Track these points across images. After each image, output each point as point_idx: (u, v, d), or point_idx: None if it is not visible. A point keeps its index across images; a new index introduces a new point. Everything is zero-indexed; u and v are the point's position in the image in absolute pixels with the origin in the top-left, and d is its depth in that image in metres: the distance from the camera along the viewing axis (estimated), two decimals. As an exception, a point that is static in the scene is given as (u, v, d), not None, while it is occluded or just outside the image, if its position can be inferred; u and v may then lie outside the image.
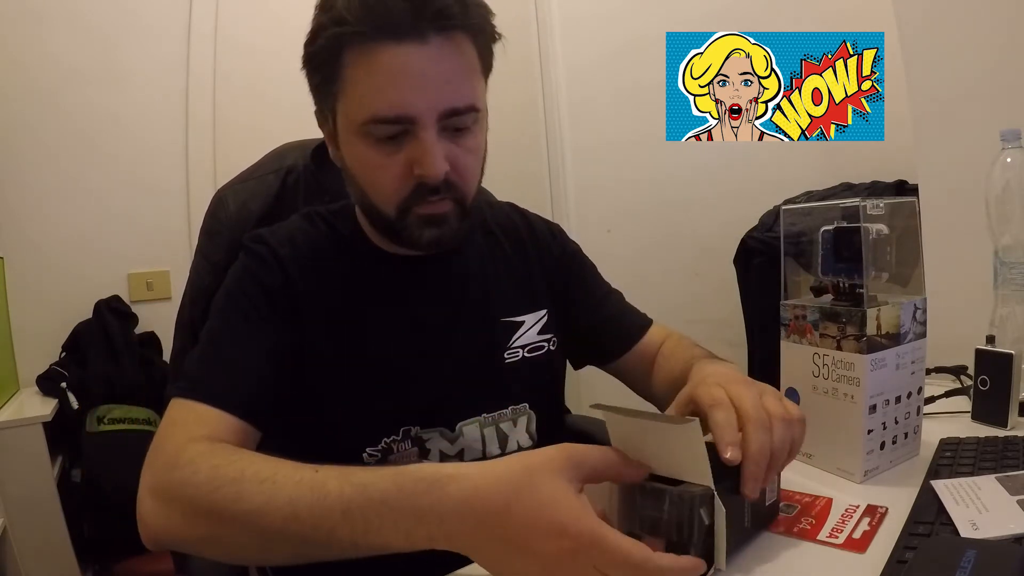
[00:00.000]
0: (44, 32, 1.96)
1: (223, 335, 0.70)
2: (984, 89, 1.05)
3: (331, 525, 0.49)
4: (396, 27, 0.62)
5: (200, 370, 0.68)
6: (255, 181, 0.93)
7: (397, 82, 0.64)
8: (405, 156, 0.67)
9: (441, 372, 0.77)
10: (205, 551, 0.56)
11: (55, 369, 1.89)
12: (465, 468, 0.49)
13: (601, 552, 0.43)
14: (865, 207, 0.67)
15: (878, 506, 0.62)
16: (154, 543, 0.57)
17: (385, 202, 0.70)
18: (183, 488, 0.55)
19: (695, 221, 2.19)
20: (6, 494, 1.59)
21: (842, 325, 0.67)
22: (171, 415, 0.63)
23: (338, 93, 0.67)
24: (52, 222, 1.99)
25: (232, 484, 0.53)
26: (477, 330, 0.80)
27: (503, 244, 0.87)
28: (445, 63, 0.65)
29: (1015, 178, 0.85)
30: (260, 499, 0.51)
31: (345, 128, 0.69)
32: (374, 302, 0.76)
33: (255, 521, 0.51)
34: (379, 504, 0.48)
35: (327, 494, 0.49)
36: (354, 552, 0.49)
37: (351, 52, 0.64)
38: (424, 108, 0.65)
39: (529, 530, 0.44)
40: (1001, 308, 0.88)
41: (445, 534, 0.47)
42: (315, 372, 0.73)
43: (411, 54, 0.63)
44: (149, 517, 0.57)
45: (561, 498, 0.45)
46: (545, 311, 0.85)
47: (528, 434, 0.81)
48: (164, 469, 0.57)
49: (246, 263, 0.75)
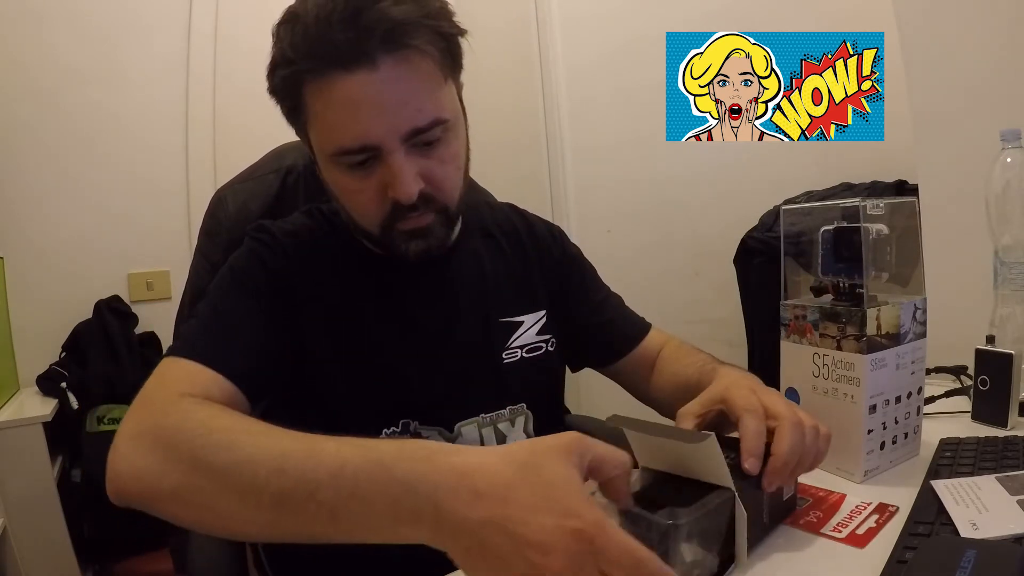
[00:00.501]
0: (44, 32, 1.96)
1: (223, 304, 0.70)
2: (984, 89, 1.05)
3: (316, 484, 0.45)
4: (342, 58, 0.62)
5: (196, 333, 0.67)
6: (255, 181, 0.93)
7: (354, 113, 0.63)
8: (377, 180, 0.67)
9: (439, 372, 0.77)
10: (173, 508, 0.52)
11: (55, 369, 1.90)
12: (468, 448, 0.46)
13: (607, 540, 0.40)
14: (865, 207, 0.67)
15: (889, 504, 0.62)
16: (121, 493, 0.53)
17: (367, 222, 0.71)
18: (173, 433, 0.52)
19: (695, 221, 2.19)
20: (6, 494, 1.59)
21: (842, 325, 0.67)
22: (161, 371, 0.62)
23: (306, 123, 0.69)
24: (52, 222, 1.99)
25: (223, 432, 0.51)
26: (475, 330, 0.80)
27: (502, 245, 0.87)
28: (399, 84, 0.64)
29: (1015, 178, 0.85)
30: (251, 448, 0.49)
31: (320, 157, 0.71)
32: (373, 301, 0.76)
33: (239, 470, 0.48)
34: (374, 464, 0.45)
35: (322, 450, 0.47)
36: (329, 526, 0.46)
37: (308, 86, 0.65)
38: (385, 133, 0.64)
39: (533, 509, 0.41)
40: (1001, 308, 0.88)
41: (434, 507, 0.43)
42: (312, 367, 0.73)
43: (363, 82, 0.62)
44: (122, 463, 0.53)
45: (571, 481, 0.43)
46: (544, 312, 0.85)
47: (526, 434, 0.81)
48: (154, 415, 0.55)
49: (251, 246, 0.75)
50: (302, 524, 0.47)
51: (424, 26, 0.64)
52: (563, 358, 0.90)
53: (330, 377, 0.73)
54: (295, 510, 0.46)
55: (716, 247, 1.92)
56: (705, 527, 0.49)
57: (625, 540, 0.41)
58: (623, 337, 0.90)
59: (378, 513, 0.45)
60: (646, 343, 0.90)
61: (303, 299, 0.73)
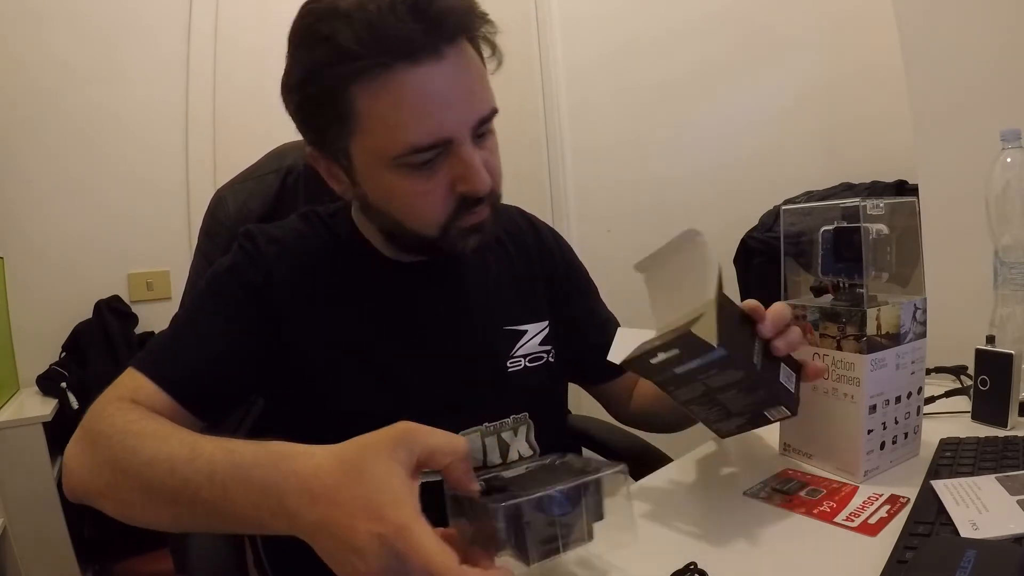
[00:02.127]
0: (44, 32, 1.96)
1: (188, 320, 0.72)
2: (984, 89, 1.05)
3: (197, 486, 0.50)
4: (411, 49, 0.59)
5: (156, 347, 0.70)
6: (255, 181, 0.93)
7: (427, 107, 0.61)
8: (445, 176, 0.65)
9: (443, 379, 0.75)
10: (107, 504, 0.57)
11: (55, 369, 1.90)
12: (318, 447, 0.48)
13: (405, 545, 0.41)
14: (865, 207, 0.67)
15: (900, 496, 0.63)
16: (71, 491, 0.60)
17: (426, 225, 0.68)
18: (98, 437, 0.58)
19: (695, 221, 2.17)
20: (6, 494, 1.59)
21: (842, 325, 0.67)
22: (117, 380, 0.66)
23: (353, 131, 0.64)
24: (52, 222, 1.99)
25: (134, 437, 0.56)
26: (481, 337, 0.79)
27: (509, 250, 0.86)
28: (463, 74, 0.63)
29: (1015, 178, 0.85)
30: (150, 452, 0.54)
31: (369, 164, 0.66)
32: (369, 306, 0.75)
33: (142, 473, 0.53)
34: (236, 469, 0.49)
35: (200, 455, 0.51)
36: (219, 520, 0.50)
37: (363, 86, 0.61)
38: (457, 125, 0.63)
39: (351, 513, 0.43)
40: (1001, 308, 0.88)
41: (287, 512, 0.45)
42: (309, 374, 0.72)
43: (430, 74, 0.61)
44: (68, 463, 0.60)
45: (387, 480, 0.43)
46: (547, 323, 0.84)
47: (528, 444, 0.80)
48: (89, 419, 0.61)
49: (233, 259, 0.74)
50: (198, 517, 0.52)
51: (476, 16, 0.64)
52: (562, 370, 0.89)
53: (330, 383, 0.72)
54: (189, 506, 0.51)
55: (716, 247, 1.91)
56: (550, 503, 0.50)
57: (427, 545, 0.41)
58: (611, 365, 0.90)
59: (247, 512, 0.48)
60: None
61: (290, 309, 0.71)
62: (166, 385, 0.65)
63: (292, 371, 0.72)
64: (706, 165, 2.15)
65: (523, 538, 0.50)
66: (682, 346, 0.58)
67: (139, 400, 0.63)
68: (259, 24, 2.18)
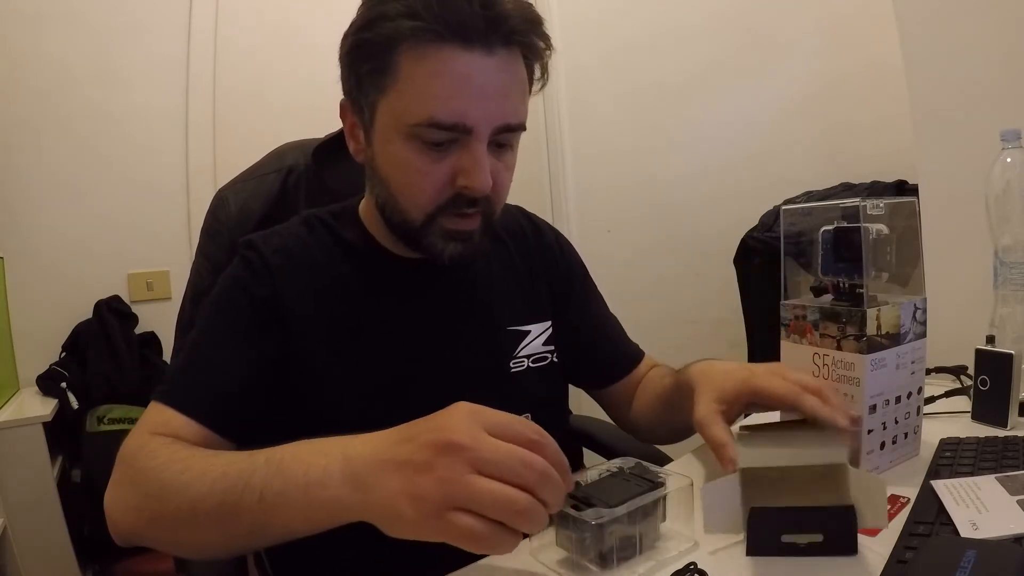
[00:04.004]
0: (45, 32, 1.96)
1: (204, 343, 0.70)
2: (984, 89, 1.05)
3: (251, 471, 0.52)
4: (468, 33, 0.61)
5: (176, 376, 0.69)
6: (256, 181, 0.93)
7: (461, 89, 0.62)
8: (450, 165, 0.65)
9: (446, 380, 0.75)
10: (154, 538, 0.58)
11: (55, 369, 1.89)
12: None
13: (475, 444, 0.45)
14: (865, 207, 0.67)
15: (900, 496, 0.63)
16: (118, 535, 0.59)
17: (415, 207, 0.68)
18: (142, 474, 0.58)
19: (695, 221, 2.19)
20: (6, 494, 1.59)
21: (842, 325, 0.67)
22: (144, 417, 0.66)
23: (388, 87, 0.65)
24: (52, 222, 1.99)
25: (181, 462, 0.57)
26: (483, 338, 0.79)
27: (511, 251, 0.85)
28: (506, 77, 0.65)
29: (1015, 178, 0.85)
30: (200, 467, 0.55)
31: (388, 126, 0.66)
32: (378, 307, 0.74)
33: (189, 489, 0.54)
34: (300, 444, 0.53)
35: (258, 452, 0.54)
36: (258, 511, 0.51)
37: (413, 48, 0.62)
38: (482, 119, 0.64)
39: (414, 430, 0.48)
40: (1001, 308, 0.88)
41: (344, 458, 0.49)
42: (310, 382, 0.71)
43: (478, 63, 0.62)
44: (110, 508, 0.59)
45: (457, 413, 0.48)
46: (549, 323, 0.84)
47: None
48: (129, 459, 0.61)
49: (237, 271, 0.74)
50: (240, 518, 0.52)
51: (535, 34, 0.67)
52: (564, 371, 0.88)
53: (335, 388, 0.72)
54: (233, 505, 0.52)
55: (716, 247, 1.92)
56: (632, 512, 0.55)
57: (503, 417, 0.47)
58: (618, 364, 0.90)
59: (294, 478, 0.50)
60: (636, 371, 0.90)
61: (295, 319, 0.71)
62: (195, 415, 0.65)
63: (300, 379, 0.71)
64: (706, 165, 2.15)
65: (607, 547, 0.54)
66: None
67: (170, 433, 0.63)
68: (259, 24, 2.18)
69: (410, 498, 0.45)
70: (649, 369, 0.91)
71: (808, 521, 0.54)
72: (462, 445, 0.45)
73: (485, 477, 0.44)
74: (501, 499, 0.43)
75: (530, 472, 0.44)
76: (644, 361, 0.92)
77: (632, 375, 0.90)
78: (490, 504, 0.43)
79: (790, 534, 0.54)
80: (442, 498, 0.44)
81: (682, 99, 2.18)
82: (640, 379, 0.89)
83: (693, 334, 2.14)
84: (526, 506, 0.43)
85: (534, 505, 0.44)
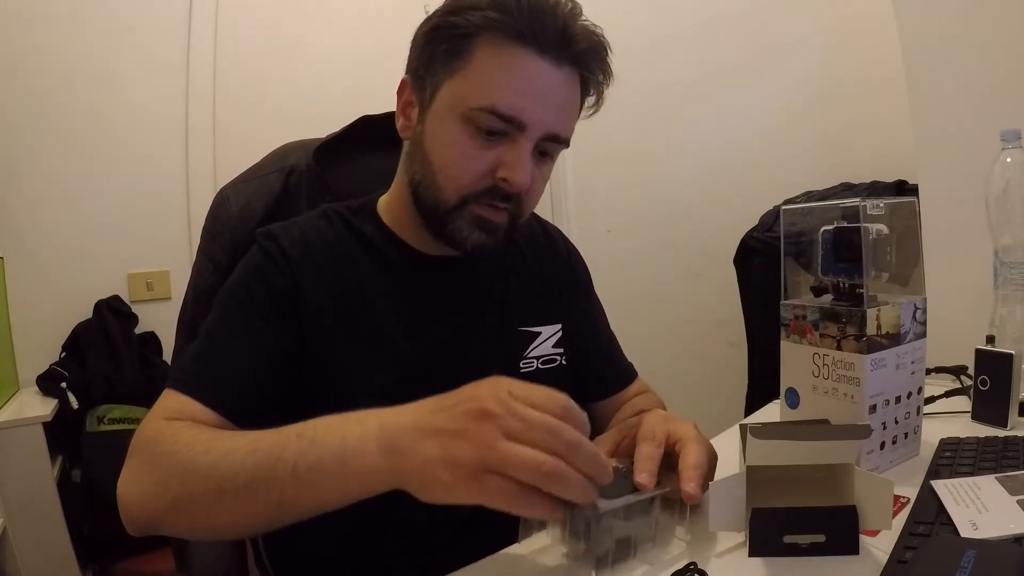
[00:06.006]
0: (45, 33, 1.96)
1: (221, 331, 0.70)
2: (984, 89, 1.05)
3: (282, 447, 0.52)
4: (544, 42, 0.66)
5: (192, 364, 0.69)
6: (258, 180, 0.93)
7: (526, 87, 0.66)
8: (495, 156, 0.68)
9: (457, 378, 0.75)
10: (171, 522, 0.57)
11: (55, 369, 1.89)
12: None
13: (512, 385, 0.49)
14: (865, 207, 0.67)
15: (900, 496, 0.62)
16: (132, 522, 0.59)
17: (452, 188, 0.69)
18: (162, 457, 0.58)
19: (695, 221, 2.20)
20: (6, 494, 1.59)
21: (842, 325, 0.67)
22: (159, 404, 0.66)
23: (457, 70, 0.68)
24: (52, 222, 1.99)
25: (204, 443, 0.57)
26: (495, 337, 0.79)
27: (524, 252, 0.86)
28: (567, 92, 0.70)
29: (1015, 178, 0.85)
30: (227, 445, 0.55)
31: (447, 106, 0.69)
32: (393, 301, 0.74)
33: (216, 466, 0.54)
34: (332, 417, 0.54)
35: (286, 428, 0.54)
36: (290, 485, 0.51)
37: (492, 40, 0.66)
38: (536, 121, 0.67)
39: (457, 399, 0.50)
40: (1001, 308, 0.88)
41: (378, 426, 0.51)
42: (325, 375, 0.71)
43: (546, 70, 0.67)
44: (125, 493, 0.59)
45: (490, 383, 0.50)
46: (560, 326, 0.84)
47: None
48: (146, 445, 0.60)
49: (256, 260, 0.74)
50: (270, 492, 0.52)
51: (598, 64, 0.71)
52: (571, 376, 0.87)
53: (346, 383, 0.72)
54: (264, 479, 0.52)
55: (716, 247, 1.92)
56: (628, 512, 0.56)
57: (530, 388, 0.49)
58: (604, 380, 0.89)
59: (329, 449, 0.51)
60: (625, 392, 0.89)
61: (313, 311, 0.71)
62: (212, 403, 0.64)
63: (311, 371, 0.71)
64: (706, 165, 2.16)
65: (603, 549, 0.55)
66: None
67: (187, 419, 0.63)
68: (259, 25, 2.18)
69: (446, 463, 0.47)
70: (637, 393, 0.90)
71: (810, 521, 0.54)
72: (494, 413, 0.47)
73: (516, 443, 0.46)
74: (529, 462, 0.46)
75: (558, 439, 0.47)
76: (635, 383, 0.91)
77: (619, 396, 0.89)
78: (519, 466, 0.46)
79: (792, 534, 0.54)
80: (476, 462, 0.46)
81: (682, 100, 2.18)
82: (624, 401, 0.89)
83: (693, 334, 2.14)
84: (552, 468, 0.46)
85: (561, 468, 0.46)
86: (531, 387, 0.50)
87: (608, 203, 2.44)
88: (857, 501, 0.55)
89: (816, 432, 0.62)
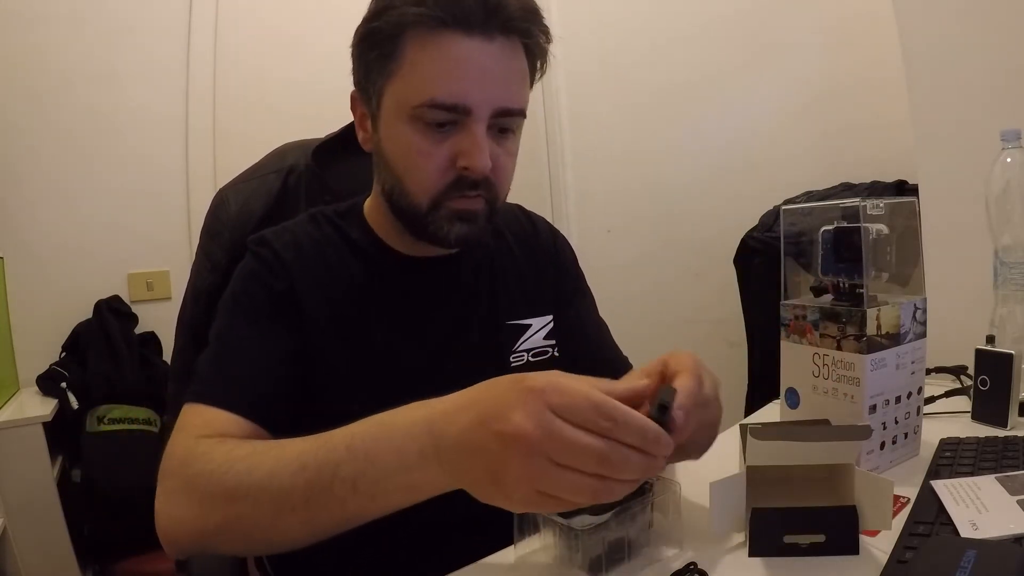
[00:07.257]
0: (45, 33, 1.96)
1: (230, 338, 0.70)
2: (984, 89, 1.05)
3: (335, 464, 0.51)
4: (468, 20, 0.65)
5: (208, 374, 0.68)
6: (257, 180, 0.93)
7: (461, 71, 0.65)
8: (451, 146, 0.67)
9: (448, 374, 0.75)
10: (222, 542, 0.56)
11: (55, 369, 1.89)
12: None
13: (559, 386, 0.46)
14: (865, 207, 0.67)
15: (900, 496, 0.62)
16: (176, 545, 0.57)
17: (421, 191, 0.69)
18: (199, 478, 0.56)
19: (695, 221, 2.19)
20: (6, 494, 1.59)
21: (842, 325, 0.67)
22: (181, 420, 0.64)
23: (393, 72, 0.67)
24: (52, 222, 1.99)
25: (244, 460, 0.55)
26: (484, 331, 0.79)
27: (511, 246, 0.86)
28: (506, 63, 0.68)
29: (1015, 178, 0.85)
30: (270, 462, 0.54)
31: (393, 110, 0.69)
32: (383, 304, 0.75)
33: (266, 486, 0.52)
34: (377, 426, 0.52)
35: (332, 436, 0.53)
36: (354, 500, 0.51)
37: (417, 35, 0.65)
38: (481, 101, 0.66)
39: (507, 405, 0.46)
40: (1001, 308, 0.88)
41: (432, 438, 0.49)
42: (322, 376, 0.72)
43: (477, 48, 0.65)
44: (166, 521, 0.57)
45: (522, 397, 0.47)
46: (551, 317, 0.84)
47: None
48: (179, 467, 0.58)
49: (252, 266, 0.74)
50: (332, 509, 0.51)
51: (533, 25, 0.69)
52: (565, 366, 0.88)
53: (343, 382, 0.72)
54: (323, 497, 0.51)
55: (716, 247, 1.92)
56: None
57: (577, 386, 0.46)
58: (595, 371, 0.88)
59: (390, 467, 0.50)
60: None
61: (309, 313, 0.72)
62: (238, 409, 0.64)
63: (312, 371, 0.71)
64: (706, 165, 2.16)
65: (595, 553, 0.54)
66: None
67: (216, 433, 0.61)
68: (258, 25, 2.18)
69: (496, 484, 0.47)
70: None
71: (810, 521, 0.54)
72: (532, 439, 0.44)
73: (562, 468, 0.45)
74: (582, 488, 0.45)
75: (607, 467, 0.45)
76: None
77: None
78: (571, 492, 0.45)
79: (792, 534, 0.54)
80: (526, 487, 0.45)
81: (682, 100, 2.18)
82: None
83: (693, 334, 2.14)
84: (602, 488, 0.45)
85: (611, 485, 0.46)
86: (569, 392, 0.46)
87: (608, 203, 2.44)
88: (857, 501, 0.55)
89: (816, 432, 0.62)
